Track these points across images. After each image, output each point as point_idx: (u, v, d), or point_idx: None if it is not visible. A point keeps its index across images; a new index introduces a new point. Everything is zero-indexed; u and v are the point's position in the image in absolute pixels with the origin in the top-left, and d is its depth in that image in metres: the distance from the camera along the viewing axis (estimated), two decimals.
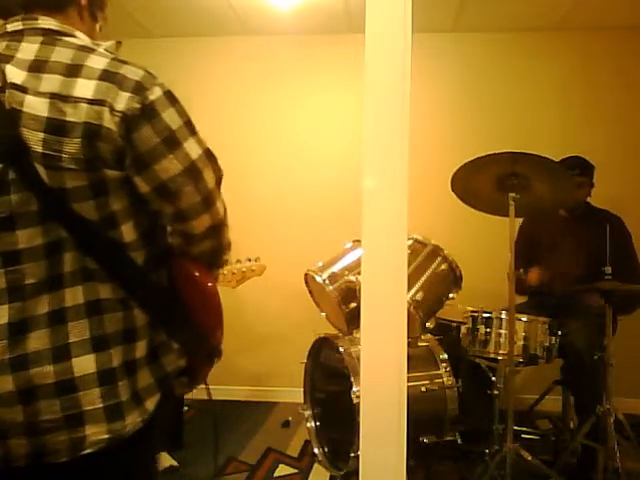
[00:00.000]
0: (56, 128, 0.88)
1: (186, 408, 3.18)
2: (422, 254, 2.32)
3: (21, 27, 0.95)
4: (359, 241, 2.32)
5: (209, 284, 1.07)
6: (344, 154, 3.51)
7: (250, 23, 3.47)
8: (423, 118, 3.46)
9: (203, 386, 1.16)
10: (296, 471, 2.61)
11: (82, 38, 0.98)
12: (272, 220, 3.54)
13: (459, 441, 2.21)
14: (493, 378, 2.39)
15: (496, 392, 2.35)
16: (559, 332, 2.36)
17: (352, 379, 2.10)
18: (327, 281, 2.30)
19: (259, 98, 3.66)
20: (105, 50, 0.97)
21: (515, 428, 2.23)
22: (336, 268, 2.35)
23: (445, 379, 2.26)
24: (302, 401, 2.55)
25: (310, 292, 2.55)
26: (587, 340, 2.48)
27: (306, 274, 2.45)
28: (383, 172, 0.70)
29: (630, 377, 3.00)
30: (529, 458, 2.16)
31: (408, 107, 0.70)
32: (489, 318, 2.34)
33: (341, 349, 2.21)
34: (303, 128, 3.67)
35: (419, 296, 2.15)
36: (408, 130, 0.69)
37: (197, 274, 1.07)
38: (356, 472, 0.73)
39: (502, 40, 3.53)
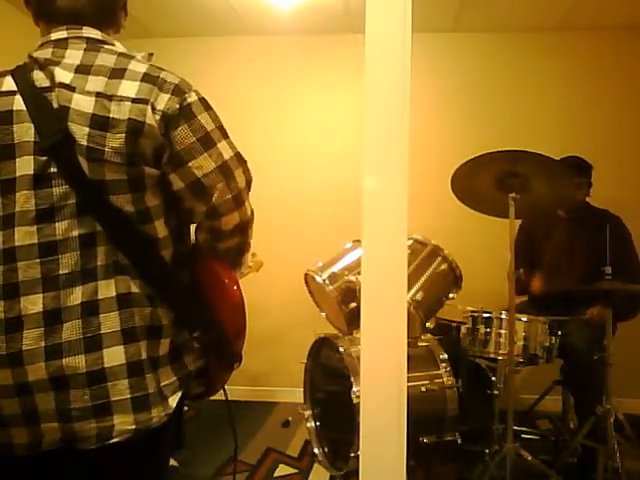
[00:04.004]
0: (100, 123, 0.93)
1: (186, 408, 3.18)
2: (422, 254, 2.31)
3: (65, 35, 1.02)
4: (359, 241, 2.32)
5: (235, 288, 1.11)
6: (344, 154, 3.51)
7: (250, 23, 3.47)
8: (423, 118, 3.46)
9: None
10: (296, 471, 2.61)
11: (120, 46, 1.06)
12: (272, 220, 3.54)
13: (459, 441, 2.21)
14: (493, 378, 2.39)
15: (496, 392, 2.35)
16: (559, 332, 2.36)
17: (352, 379, 2.10)
18: (327, 281, 2.29)
19: (259, 98, 3.66)
20: (141, 58, 1.04)
21: (515, 428, 2.23)
22: (336, 268, 2.35)
23: (445, 379, 2.25)
24: (302, 401, 2.55)
25: (310, 292, 2.55)
26: (587, 340, 2.48)
27: (306, 274, 2.45)
28: (383, 172, 0.70)
29: (630, 377, 3.00)
30: (529, 458, 2.16)
31: (408, 107, 0.70)
32: (489, 318, 2.34)
33: (341, 349, 2.21)
34: (303, 128, 3.67)
35: (419, 296, 2.15)
36: (408, 130, 0.69)
37: (226, 279, 1.11)
38: (356, 472, 0.73)
39: (502, 40, 3.53)
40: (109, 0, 1.08)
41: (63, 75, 0.95)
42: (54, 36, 1.02)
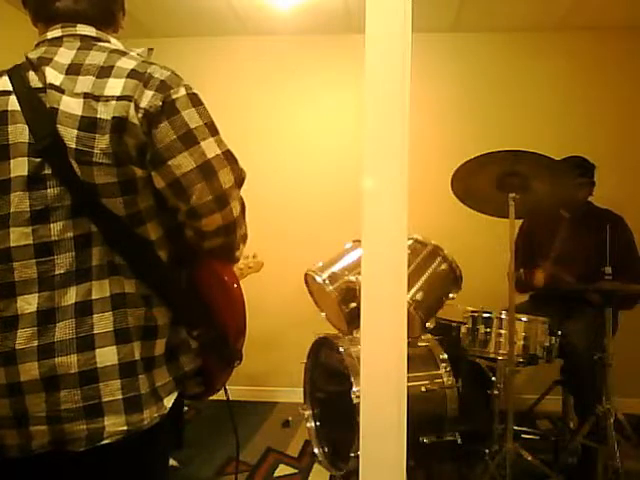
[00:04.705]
0: (89, 125, 0.92)
1: (186, 408, 3.18)
2: (422, 254, 2.31)
3: (60, 34, 1.01)
4: (359, 241, 2.32)
5: (235, 286, 1.09)
6: (344, 154, 3.51)
7: (250, 23, 3.47)
8: (423, 118, 3.46)
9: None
10: (296, 471, 2.61)
11: (115, 43, 1.05)
12: (272, 220, 3.54)
13: (459, 441, 2.21)
14: (493, 378, 2.39)
15: (496, 392, 2.35)
16: (559, 332, 2.36)
17: (352, 379, 2.10)
18: (327, 281, 2.29)
19: (259, 98, 3.66)
20: (138, 54, 1.02)
21: (515, 428, 2.23)
22: (336, 268, 2.34)
23: (445, 379, 2.25)
24: (302, 401, 2.55)
25: (310, 292, 2.55)
26: (586, 341, 2.48)
27: (306, 274, 2.45)
28: (383, 172, 0.70)
29: (630, 377, 3.00)
30: (529, 458, 2.16)
31: (408, 107, 0.69)
32: (489, 318, 2.34)
33: (341, 349, 2.21)
34: (303, 128, 3.67)
35: (419, 296, 2.15)
36: (408, 130, 0.69)
37: (226, 277, 1.09)
38: (356, 472, 0.73)
39: (502, 40, 3.53)
40: (108, 2, 1.07)
41: (53, 76, 0.95)
42: (50, 35, 1.01)
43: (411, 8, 0.70)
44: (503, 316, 2.31)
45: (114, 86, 0.93)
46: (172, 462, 2.51)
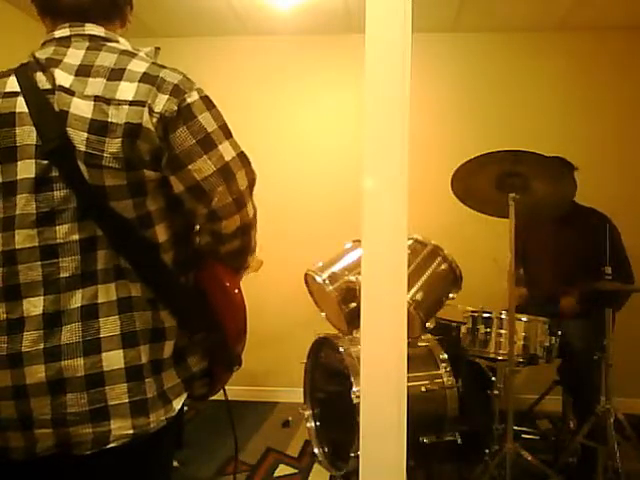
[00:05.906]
0: (99, 128, 0.91)
1: (186, 408, 3.19)
2: (422, 254, 2.31)
3: (68, 33, 1.00)
4: (359, 241, 2.32)
5: (237, 292, 1.09)
6: (344, 154, 3.51)
7: (250, 23, 3.47)
8: (423, 118, 3.46)
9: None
10: (296, 471, 2.61)
11: (124, 43, 1.04)
12: (272, 220, 3.52)
13: (459, 441, 2.21)
14: (493, 378, 2.39)
15: (496, 392, 2.35)
16: (559, 332, 2.36)
17: (352, 379, 2.10)
18: (327, 281, 2.29)
19: (259, 98, 3.66)
20: (145, 55, 1.02)
21: (515, 428, 2.23)
22: (336, 268, 2.34)
23: (445, 379, 2.25)
24: (302, 401, 2.55)
25: (310, 292, 2.55)
26: (584, 340, 2.48)
27: (306, 274, 2.45)
28: (383, 172, 0.70)
29: (630, 377, 3.00)
30: (529, 458, 2.16)
31: (408, 107, 0.70)
32: (489, 318, 2.34)
33: (341, 349, 2.21)
34: (303, 128, 3.67)
35: (419, 296, 2.15)
36: (408, 130, 0.69)
37: (227, 283, 1.09)
38: (356, 472, 0.73)
39: (502, 40, 3.53)
40: None
41: (63, 78, 0.94)
42: (57, 34, 1.00)
43: (411, 8, 0.70)
44: (503, 316, 2.31)
45: (126, 90, 0.93)
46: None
